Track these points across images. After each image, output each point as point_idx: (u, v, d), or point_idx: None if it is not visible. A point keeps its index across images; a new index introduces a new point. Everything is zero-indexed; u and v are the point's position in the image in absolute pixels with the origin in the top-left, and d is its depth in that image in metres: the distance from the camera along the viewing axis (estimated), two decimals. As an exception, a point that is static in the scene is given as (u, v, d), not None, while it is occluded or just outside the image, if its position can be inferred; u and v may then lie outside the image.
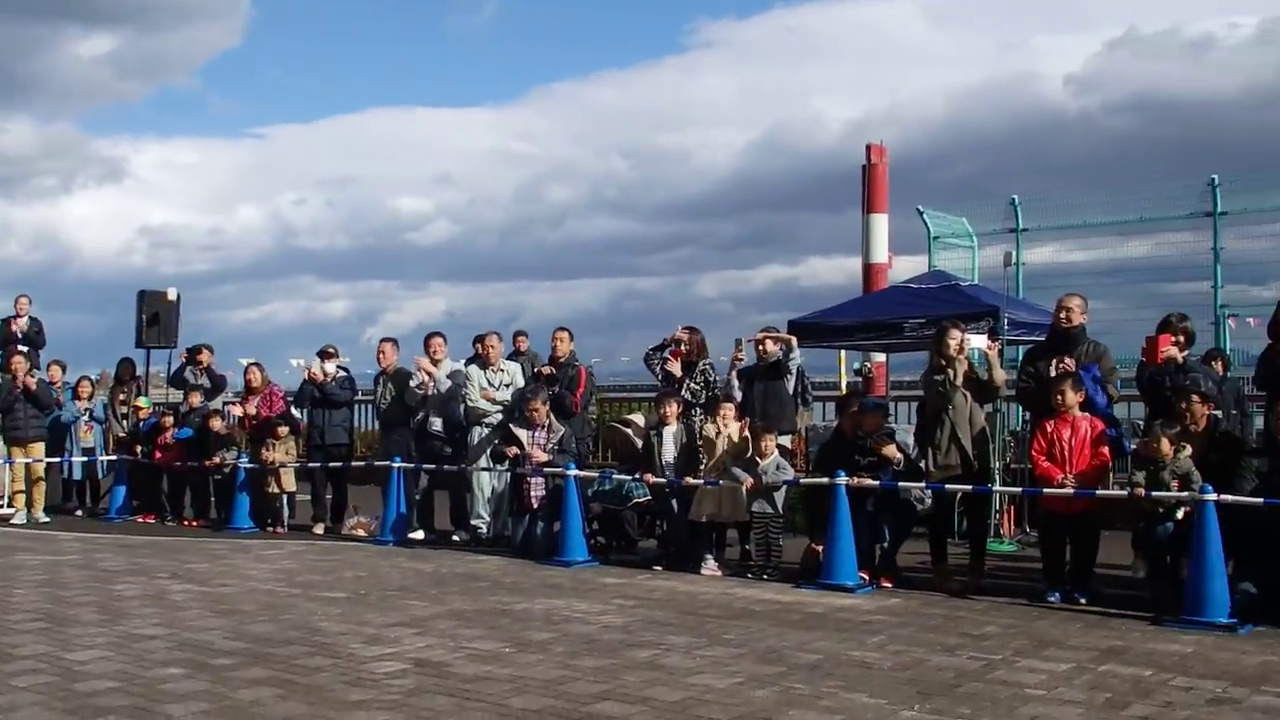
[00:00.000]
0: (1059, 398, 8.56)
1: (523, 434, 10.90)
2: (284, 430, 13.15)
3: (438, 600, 8.25)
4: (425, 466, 11.97)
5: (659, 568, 9.85)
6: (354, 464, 13.25)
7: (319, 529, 12.82)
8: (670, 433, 10.32)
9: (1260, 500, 7.45)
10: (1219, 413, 8.62)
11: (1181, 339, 8.97)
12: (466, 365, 12.26)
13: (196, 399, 14.31)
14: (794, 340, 11.09)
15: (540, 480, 10.74)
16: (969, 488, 8.95)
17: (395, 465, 11.74)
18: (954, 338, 9.13)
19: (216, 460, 13.27)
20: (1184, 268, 15.29)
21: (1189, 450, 8.12)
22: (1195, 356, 9.31)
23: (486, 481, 11.74)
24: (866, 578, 8.81)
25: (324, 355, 13.23)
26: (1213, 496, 7.39)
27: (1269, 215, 14.70)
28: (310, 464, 12.99)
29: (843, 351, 17.12)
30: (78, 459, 14.94)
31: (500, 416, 11.70)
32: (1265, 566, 7.52)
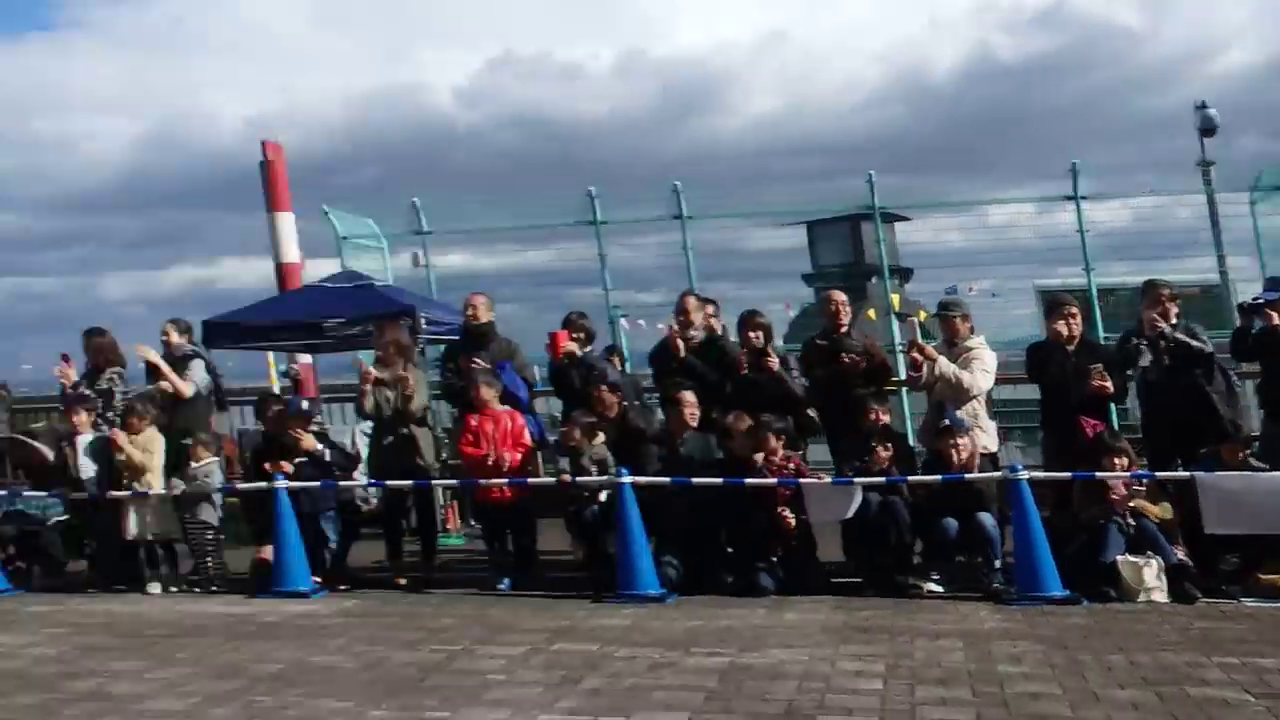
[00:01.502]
0: (475, 394, 9.00)
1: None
2: None
3: None
4: None
5: (93, 590, 9.08)
6: None
7: None
8: (84, 442, 9.51)
9: (668, 480, 8.29)
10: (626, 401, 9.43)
11: (582, 335, 9.72)
12: None
13: None
14: None
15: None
16: (409, 483, 9.12)
17: None
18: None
19: None
20: (578, 272, 16.46)
21: (602, 437, 8.84)
22: (597, 352, 10.12)
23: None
24: (320, 582, 8.72)
25: None
26: (629, 479, 8.11)
27: (641, 226, 16.24)
28: None
29: (271, 355, 16.69)
30: None
31: None
32: (681, 543, 8.35)
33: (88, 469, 9.44)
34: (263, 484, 8.88)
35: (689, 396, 8.72)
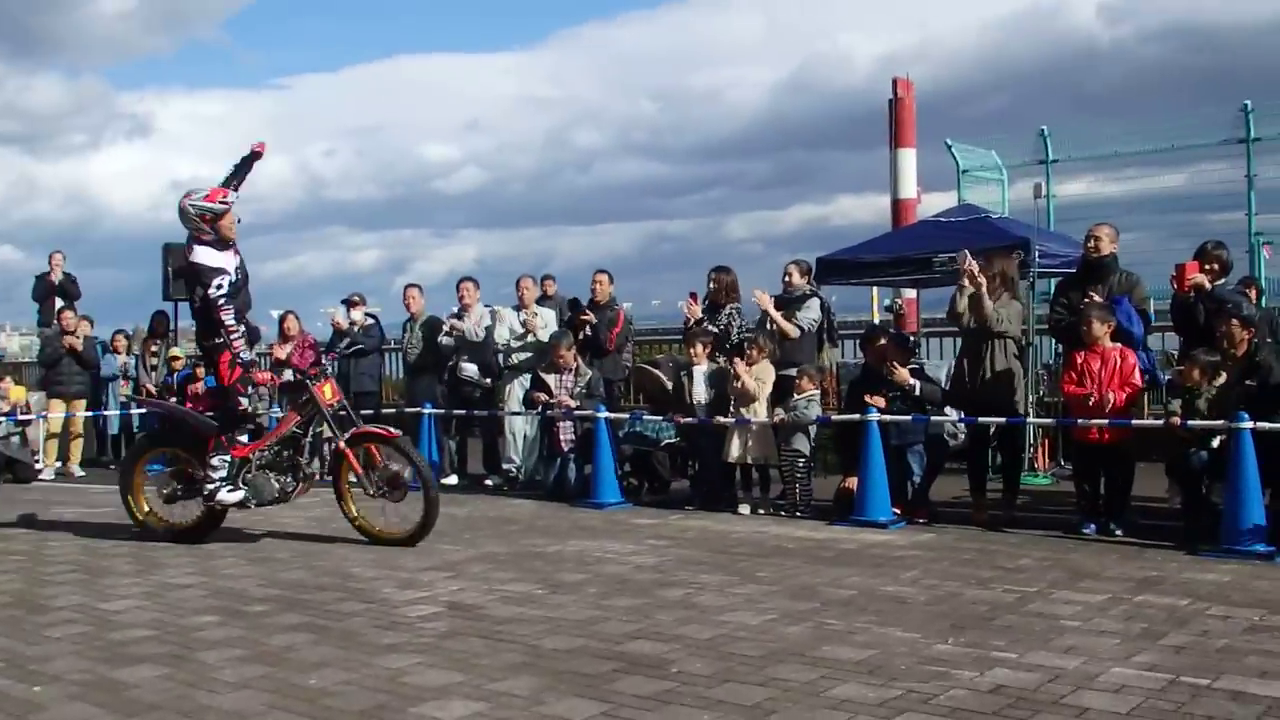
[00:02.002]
0: (1086, 329, 8.47)
1: (551, 379, 10.90)
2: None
3: (471, 544, 8.28)
4: (456, 412, 11.98)
5: (691, 508, 9.87)
6: (384, 411, 13.27)
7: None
8: (700, 373, 10.28)
9: (1298, 427, 7.34)
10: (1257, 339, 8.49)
11: (1215, 267, 8.82)
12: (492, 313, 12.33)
13: (227, 351, 14.36)
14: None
15: (570, 424, 10.75)
16: (1002, 420, 8.87)
17: (426, 411, 11.77)
18: None
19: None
20: (1218, 197, 15.05)
21: (1224, 377, 8.02)
22: (1230, 286, 9.17)
23: (519, 426, 11.77)
24: (899, 513, 8.79)
25: (349, 304, 13.25)
26: (1248, 425, 7.29)
27: (1303, 142, 14.42)
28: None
29: (874, 289, 17.00)
30: (113, 413, 15.07)
31: (527, 355, 11.72)
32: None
33: (701, 396, 10.18)
34: (855, 416, 9.06)
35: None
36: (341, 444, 8.32)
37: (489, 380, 12.20)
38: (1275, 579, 6.52)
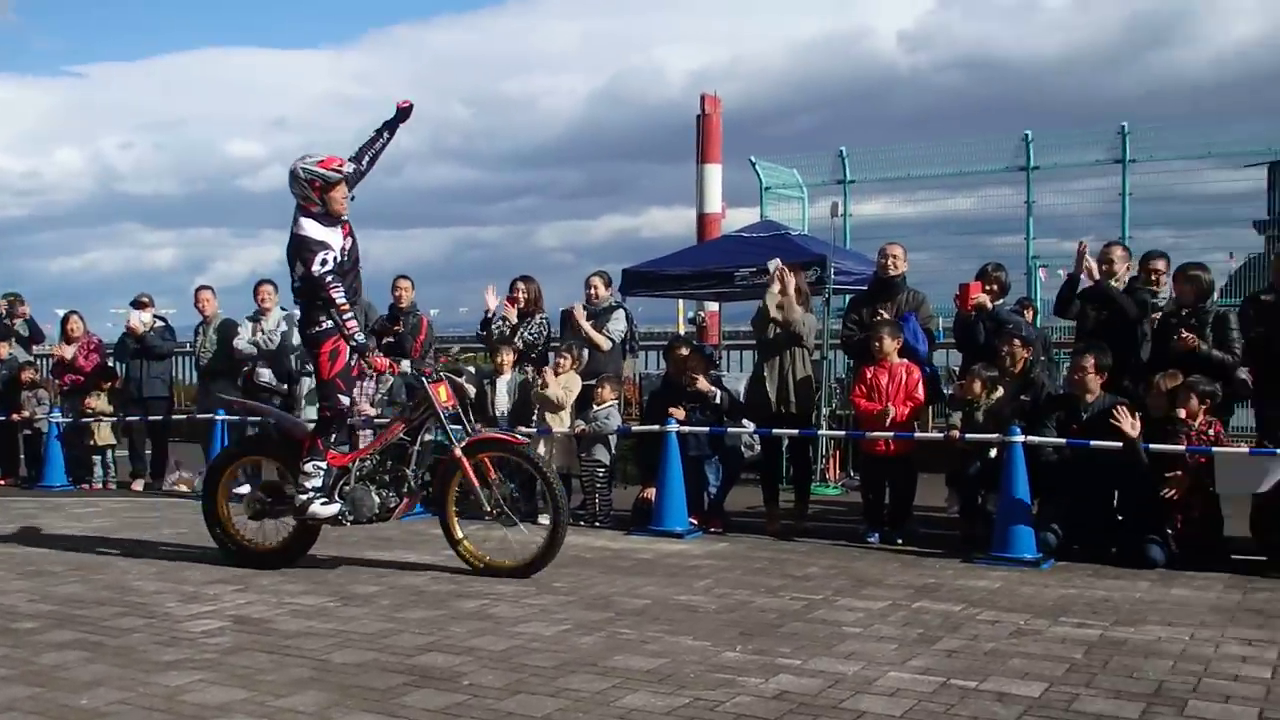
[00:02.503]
0: (876, 345, 8.80)
1: (351, 385, 10.69)
2: (106, 384, 12.73)
3: (261, 556, 8.06)
4: (251, 419, 11.64)
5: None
6: (175, 418, 12.81)
7: (139, 485, 12.42)
8: (504, 382, 10.25)
9: (1064, 440, 7.79)
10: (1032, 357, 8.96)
11: (995, 288, 9.28)
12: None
13: (4, 350, 13.62)
14: None
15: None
16: (795, 432, 9.14)
17: (219, 418, 11.41)
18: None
19: (25, 413, 12.70)
20: (1000, 221, 15.84)
21: (1001, 392, 8.44)
22: (1008, 306, 9.66)
23: (316, 434, 11.49)
24: (696, 523, 8.96)
25: (138, 305, 12.74)
26: (1020, 438, 7.70)
27: (1077, 170, 15.32)
28: (130, 418, 12.52)
29: (680, 301, 17.24)
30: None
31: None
32: (1066, 506, 7.85)
33: (504, 405, 10.15)
34: (655, 427, 9.19)
35: (1089, 361, 8.05)
36: (458, 452, 7.49)
37: (285, 386, 11.89)
38: (1040, 584, 6.91)
